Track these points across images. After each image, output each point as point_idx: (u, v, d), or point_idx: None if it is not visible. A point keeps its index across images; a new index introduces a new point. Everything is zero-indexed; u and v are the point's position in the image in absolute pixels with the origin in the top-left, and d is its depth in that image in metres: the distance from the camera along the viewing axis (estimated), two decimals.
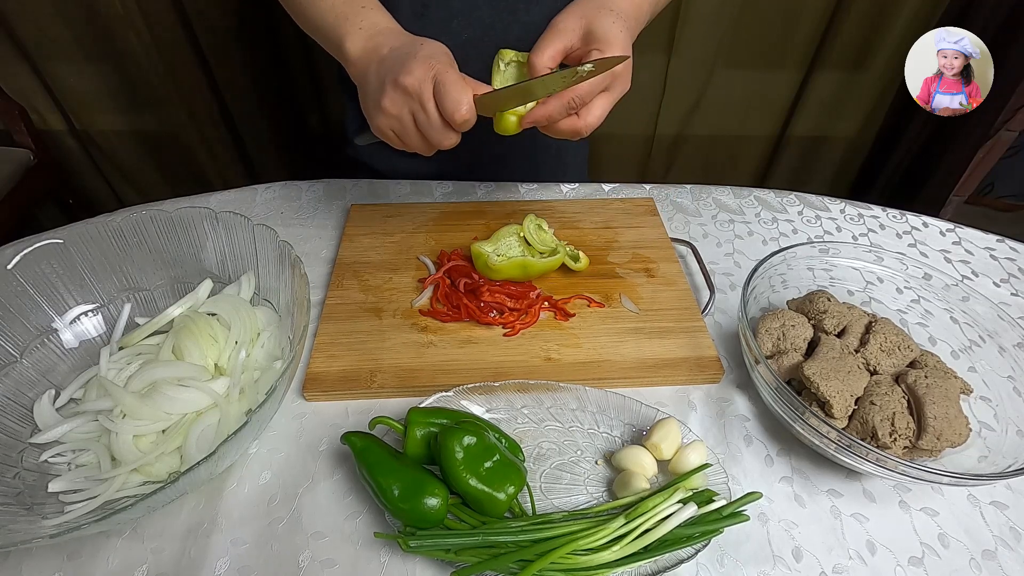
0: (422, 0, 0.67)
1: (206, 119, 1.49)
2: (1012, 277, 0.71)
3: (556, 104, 0.50)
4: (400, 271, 0.67)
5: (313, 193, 0.81)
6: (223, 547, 0.46)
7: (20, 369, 0.52)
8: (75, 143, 1.52)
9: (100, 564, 0.45)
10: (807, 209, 0.80)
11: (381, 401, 0.56)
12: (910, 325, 0.61)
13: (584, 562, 0.42)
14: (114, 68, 1.37)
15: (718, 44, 1.39)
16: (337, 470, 0.51)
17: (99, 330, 0.58)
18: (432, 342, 0.60)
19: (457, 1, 0.68)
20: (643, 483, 0.47)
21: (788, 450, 0.53)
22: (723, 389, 0.58)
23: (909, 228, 0.78)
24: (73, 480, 0.47)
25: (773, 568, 0.45)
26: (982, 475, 0.43)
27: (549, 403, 0.54)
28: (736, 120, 1.56)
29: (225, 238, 0.59)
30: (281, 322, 0.57)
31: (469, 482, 0.44)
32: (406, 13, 0.59)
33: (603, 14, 0.51)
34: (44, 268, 0.55)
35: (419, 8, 0.68)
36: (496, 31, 0.71)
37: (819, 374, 0.50)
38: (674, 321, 0.62)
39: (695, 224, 0.77)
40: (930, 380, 0.50)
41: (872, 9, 1.32)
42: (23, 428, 0.50)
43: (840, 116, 1.54)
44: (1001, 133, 1.35)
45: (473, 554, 0.43)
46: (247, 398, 0.52)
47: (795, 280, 0.63)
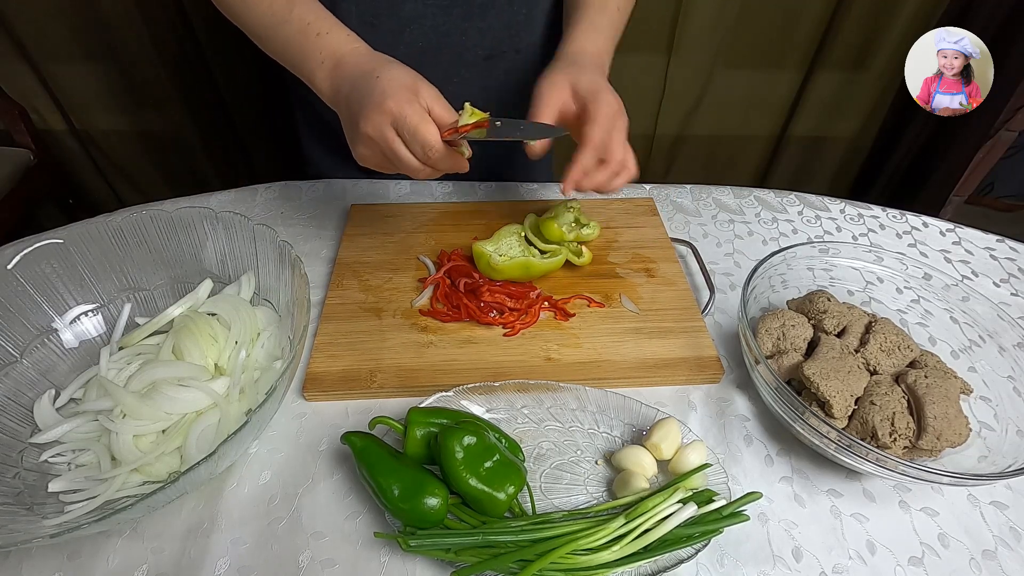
0: (372, 11, 0.66)
1: (206, 119, 1.49)
2: (1012, 277, 0.71)
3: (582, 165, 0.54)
4: (400, 271, 0.67)
5: (313, 193, 0.81)
6: (223, 547, 0.46)
7: (20, 369, 0.52)
8: (75, 143, 1.52)
9: (100, 564, 0.45)
10: (807, 209, 0.80)
11: (381, 401, 0.56)
12: (910, 325, 0.61)
13: (584, 562, 0.42)
14: (114, 68, 1.37)
15: (718, 44, 1.39)
16: (337, 470, 0.51)
17: (99, 330, 0.58)
18: (432, 342, 0.60)
19: (407, 10, 0.66)
20: (643, 483, 0.47)
21: (788, 450, 0.53)
22: (723, 389, 0.58)
23: (909, 228, 0.78)
24: (73, 480, 0.47)
25: (773, 568, 0.45)
26: (982, 475, 0.43)
27: (549, 403, 0.54)
28: (736, 120, 1.56)
29: (225, 238, 0.59)
30: (281, 322, 0.57)
31: (469, 482, 0.44)
32: (355, 26, 0.57)
33: (579, 71, 0.56)
34: (44, 268, 0.55)
35: (369, 19, 0.66)
36: (452, 38, 0.69)
37: (819, 374, 0.50)
38: (674, 321, 0.62)
39: (695, 224, 0.77)
40: (930, 380, 0.50)
41: (872, 9, 1.33)
42: (23, 428, 0.50)
43: (840, 116, 1.54)
44: (1001, 133, 1.35)
45: (473, 554, 0.43)
46: (247, 398, 0.52)
47: (795, 280, 0.63)
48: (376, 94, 0.49)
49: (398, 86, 0.49)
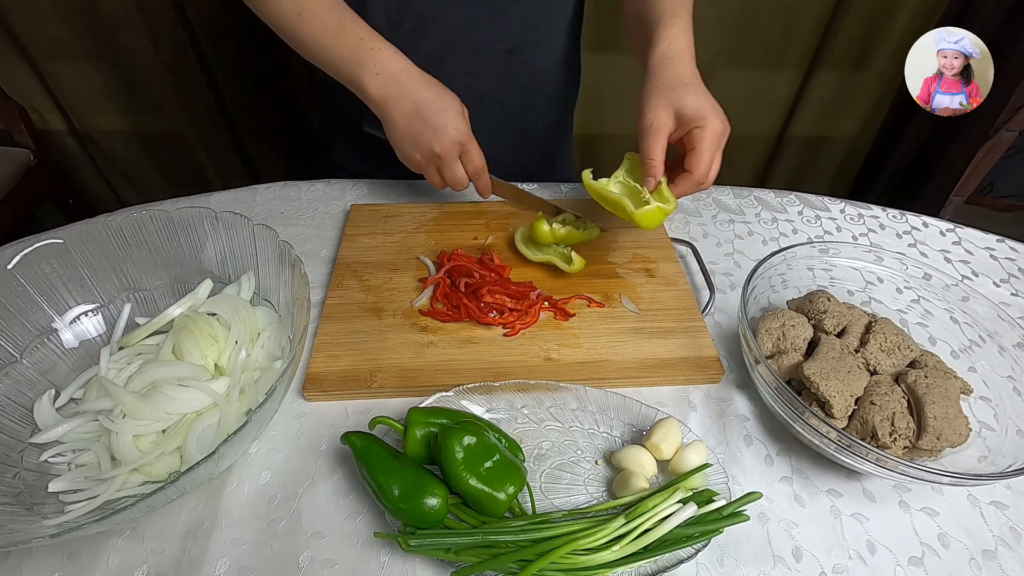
0: (398, 8, 0.68)
1: (206, 119, 1.49)
2: (1012, 277, 0.71)
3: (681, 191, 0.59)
4: (400, 271, 0.67)
5: (313, 193, 0.81)
6: (223, 547, 0.46)
7: (20, 369, 0.52)
8: (75, 143, 1.52)
9: (100, 564, 0.45)
10: (807, 209, 0.80)
11: (381, 401, 0.56)
12: (910, 325, 0.61)
13: (584, 562, 0.42)
14: (114, 68, 1.37)
15: (718, 44, 1.39)
16: (337, 470, 0.51)
17: (99, 330, 0.58)
18: (432, 342, 0.60)
19: (431, 6, 0.69)
20: (643, 483, 0.47)
21: (788, 450, 0.53)
22: (723, 389, 0.58)
23: (909, 228, 0.78)
24: (73, 480, 0.47)
25: (773, 568, 0.45)
26: (982, 475, 0.43)
27: (549, 403, 0.54)
28: (736, 120, 1.55)
29: (225, 238, 0.59)
30: (281, 322, 0.57)
31: (469, 482, 0.44)
32: (381, 22, 0.62)
33: (682, 93, 0.56)
34: (44, 268, 0.55)
35: (395, 17, 0.69)
36: (473, 33, 0.71)
37: (819, 374, 0.50)
38: (674, 321, 0.62)
39: (695, 224, 0.77)
40: (930, 380, 0.50)
41: (872, 9, 1.33)
42: (23, 428, 0.50)
43: (840, 116, 1.54)
44: (1001, 133, 1.35)
45: (473, 554, 0.43)
46: (247, 398, 0.52)
47: (795, 280, 0.63)
48: (451, 124, 0.62)
49: (451, 143, 0.62)
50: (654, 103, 0.57)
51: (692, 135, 0.56)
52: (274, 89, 1.47)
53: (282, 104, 1.51)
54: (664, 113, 0.56)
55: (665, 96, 0.57)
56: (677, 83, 0.57)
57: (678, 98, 0.56)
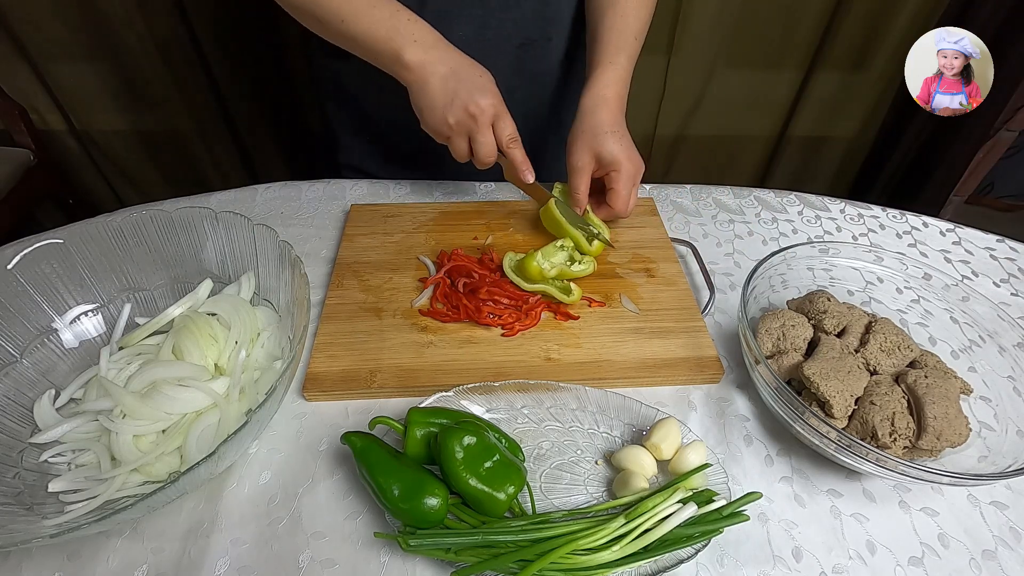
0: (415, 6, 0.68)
1: (206, 119, 1.49)
2: (1012, 277, 0.71)
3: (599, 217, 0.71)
4: (400, 271, 0.67)
5: (313, 193, 0.81)
6: (223, 547, 0.46)
7: (20, 369, 0.52)
8: (75, 143, 1.52)
9: (100, 564, 0.45)
10: (807, 209, 0.80)
11: (381, 401, 0.56)
12: (910, 325, 0.61)
13: (584, 562, 0.42)
14: (114, 68, 1.37)
15: (718, 44, 1.39)
16: (337, 470, 0.51)
17: (99, 330, 0.58)
18: (432, 342, 0.60)
19: (448, 4, 0.70)
20: (643, 483, 0.47)
21: (788, 450, 0.53)
22: (723, 389, 0.58)
23: (909, 228, 0.78)
24: (73, 480, 0.47)
25: (773, 568, 0.45)
26: (982, 475, 0.43)
27: (549, 403, 0.54)
28: (736, 120, 1.56)
29: (225, 238, 0.59)
30: (281, 322, 0.57)
31: (469, 482, 0.44)
32: None
33: (602, 140, 0.65)
34: (44, 268, 0.55)
35: None
36: (489, 29, 0.73)
37: (819, 374, 0.50)
38: (674, 321, 0.62)
39: (695, 224, 0.77)
40: (930, 380, 0.50)
41: (872, 9, 1.33)
42: (23, 428, 0.50)
43: (840, 116, 1.54)
44: (1001, 133, 1.35)
45: (473, 554, 0.43)
46: (247, 398, 0.52)
47: (795, 280, 0.63)
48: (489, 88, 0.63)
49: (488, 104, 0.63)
50: (579, 146, 0.67)
51: (610, 176, 0.67)
52: (274, 89, 1.47)
53: (282, 104, 1.51)
54: (587, 156, 0.66)
55: (588, 142, 0.66)
56: (600, 131, 0.65)
57: (599, 144, 0.65)
